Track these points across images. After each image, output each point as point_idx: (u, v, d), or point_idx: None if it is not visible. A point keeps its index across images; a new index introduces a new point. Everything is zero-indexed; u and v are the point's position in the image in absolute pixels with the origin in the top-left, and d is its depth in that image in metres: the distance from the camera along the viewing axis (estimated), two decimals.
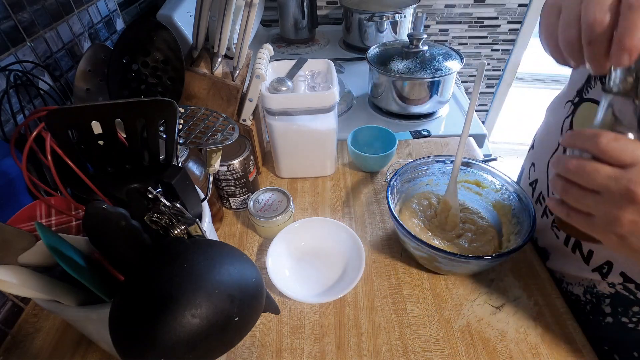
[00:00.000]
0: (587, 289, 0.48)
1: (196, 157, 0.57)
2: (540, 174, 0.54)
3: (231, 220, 0.66)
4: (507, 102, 1.83)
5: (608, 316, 0.46)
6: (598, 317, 0.47)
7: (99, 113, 0.33)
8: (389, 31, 1.20)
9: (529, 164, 0.58)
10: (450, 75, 0.85)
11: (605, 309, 0.46)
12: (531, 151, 0.59)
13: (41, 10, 0.58)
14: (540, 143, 0.56)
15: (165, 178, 0.36)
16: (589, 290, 0.48)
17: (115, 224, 0.30)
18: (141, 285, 0.29)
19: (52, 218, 0.39)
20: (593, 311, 0.48)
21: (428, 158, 0.60)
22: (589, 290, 0.48)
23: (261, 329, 0.50)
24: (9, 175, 0.45)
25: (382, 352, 0.47)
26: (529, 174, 0.57)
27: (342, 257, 0.57)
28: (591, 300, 0.48)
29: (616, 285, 0.44)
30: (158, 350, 0.26)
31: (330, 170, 0.73)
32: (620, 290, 0.44)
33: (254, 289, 0.32)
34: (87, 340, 0.49)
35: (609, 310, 0.46)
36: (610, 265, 0.44)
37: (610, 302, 0.45)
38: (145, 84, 0.52)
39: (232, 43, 0.63)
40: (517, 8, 1.52)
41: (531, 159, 0.58)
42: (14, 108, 0.51)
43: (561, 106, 0.49)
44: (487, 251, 0.53)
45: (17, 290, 0.29)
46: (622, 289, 0.43)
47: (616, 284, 0.44)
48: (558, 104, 0.51)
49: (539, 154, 0.55)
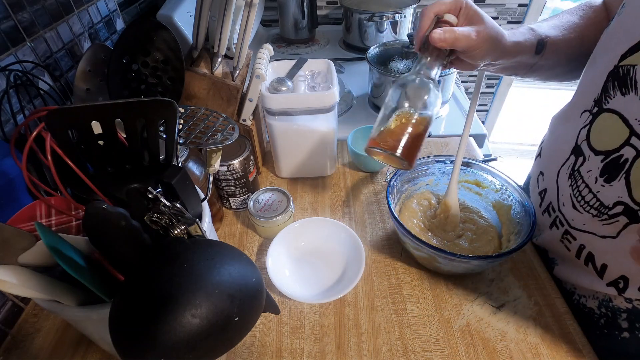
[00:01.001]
0: (602, 302, 0.47)
1: (196, 157, 0.57)
2: (549, 184, 0.52)
3: (231, 220, 0.66)
4: (507, 102, 1.83)
5: (625, 331, 0.45)
6: (613, 332, 0.46)
7: (99, 113, 0.33)
8: (389, 31, 1.19)
9: (537, 172, 0.57)
10: (450, 75, 0.85)
11: (622, 324, 0.45)
12: (538, 160, 0.57)
13: (41, 10, 0.58)
14: (549, 152, 0.54)
15: (165, 178, 0.36)
16: (604, 304, 0.47)
17: (115, 224, 0.30)
18: (141, 285, 0.29)
19: (52, 218, 0.39)
20: (608, 325, 0.47)
21: (428, 158, 0.60)
22: (604, 304, 0.47)
23: (261, 329, 0.50)
24: (9, 175, 0.45)
25: (382, 352, 0.47)
26: (537, 182, 0.56)
27: (342, 257, 0.57)
28: (606, 314, 0.47)
29: (634, 300, 0.43)
30: (158, 350, 0.26)
31: (330, 170, 0.73)
32: (637, 306, 0.43)
33: (254, 289, 0.32)
34: (87, 340, 0.49)
35: (626, 325, 0.45)
36: (626, 280, 0.42)
37: (627, 317, 0.44)
38: (145, 84, 0.52)
39: (232, 43, 0.63)
40: (517, 8, 1.52)
41: (539, 167, 0.56)
42: (14, 108, 0.51)
43: (576, 116, 0.48)
44: (487, 251, 0.53)
45: (17, 290, 0.29)
46: None
47: (634, 300, 0.43)
48: (570, 113, 0.50)
49: (547, 163, 0.54)
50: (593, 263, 0.46)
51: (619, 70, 0.40)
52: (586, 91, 0.46)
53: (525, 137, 2.30)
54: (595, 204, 0.43)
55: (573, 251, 0.48)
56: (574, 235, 0.48)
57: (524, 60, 0.48)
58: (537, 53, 0.48)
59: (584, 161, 0.45)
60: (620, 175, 0.40)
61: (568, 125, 0.49)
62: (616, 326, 0.46)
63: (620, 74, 0.40)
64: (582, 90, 0.48)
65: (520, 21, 1.55)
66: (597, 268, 0.45)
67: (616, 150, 0.40)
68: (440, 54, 0.44)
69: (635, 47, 0.38)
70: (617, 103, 0.40)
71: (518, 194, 0.54)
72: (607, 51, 0.43)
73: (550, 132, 0.56)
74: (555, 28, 0.50)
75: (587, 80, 0.47)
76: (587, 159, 0.44)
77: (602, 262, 0.44)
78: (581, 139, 0.46)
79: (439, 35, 0.42)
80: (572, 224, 0.48)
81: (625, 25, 0.41)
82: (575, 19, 0.52)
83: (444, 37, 0.42)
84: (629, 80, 0.38)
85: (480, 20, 0.43)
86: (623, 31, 0.41)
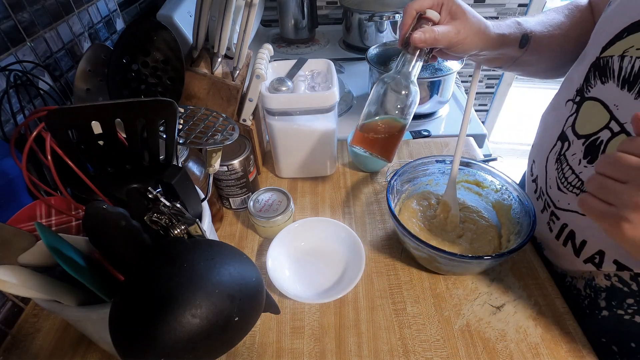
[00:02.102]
0: (587, 282, 0.48)
1: (196, 157, 0.57)
2: (539, 170, 0.54)
3: (231, 220, 0.66)
4: (507, 102, 1.83)
5: (604, 310, 0.47)
6: (594, 312, 0.48)
7: (99, 113, 0.33)
8: (389, 31, 1.20)
9: (531, 161, 0.59)
10: (450, 75, 0.85)
11: (600, 303, 0.47)
12: (532, 149, 0.60)
13: (41, 10, 0.58)
14: (539, 141, 0.57)
15: (165, 178, 0.36)
16: (589, 284, 0.48)
17: (115, 224, 0.30)
18: (141, 285, 0.29)
19: (52, 218, 0.39)
20: (590, 305, 0.49)
21: (428, 158, 0.60)
22: (588, 283, 0.48)
23: (261, 329, 0.50)
24: (9, 175, 0.45)
25: (382, 352, 0.47)
26: (531, 171, 0.58)
27: (342, 257, 0.57)
28: (590, 294, 0.48)
29: (612, 277, 0.44)
30: (158, 350, 0.26)
31: (330, 170, 0.73)
32: (615, 283, 0.44)
33: (254, 289, 0.32)
34: (87, 340, 0.49)
35: (604, 304, 0.46)
36: (602, 255, 0.44)
37: (606, 296, 0.46)
38: (145, 84, 0.52)
39: (232, 43, 0.63)
40: (517, 8, 1.52)
41: (531, 156, 0.59)
42: (14, 108, 0.51)
43: (561, 105, 0.50)
44: (487, 251, 0.53)
45: (17, 290, 0.29)
46: (617, 281, 0.44)
47: (612, 276, 0.44)
48: (556, 103, 0.53)
49: (538, 151, 0.56)
50: (573, 241, 0.48)
51: (599, 62, 0.43)
52: (571, 82, 0.49)
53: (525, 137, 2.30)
54: (577, 183, 0.46)
55: (555, 232, 0.51)
56: (557, 216, 0.50)
57: (508, 53, 0.50)
58: (521, 47, 0.50)
59: (569, 146, 0.47)
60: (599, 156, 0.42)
61: (554, 114, 0.52)
62: (597, 306, 0.47)
63: (600, 65, 0.42)
64: (567, 81, 0.51)
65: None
66: (576, 245, 0.48)
67: (595, 134, 0.43)
68: (421, 51, 0.47)
69: (614, 39, 0.41)
70: (598, 91, 0.43)
71: (518, 194, 0.54)
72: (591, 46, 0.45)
73: (540, 122, 0.58)
74: (540, 24, 0.52)
75: (572, 73, 0.50)
76: (572, 144, 0.47)
77: (582, 239, 0.47)
78: (567, 126, 0.48)
79: (419, 36, 0.44)
80: (557, 205, 0.50)
81: (609, 19, 0.43)
82: (561, 18, 0.53)
83: (424, 37, 0.44)
84: (608, 69, 0.41)
85: (463, 14, 0.45)
86: (607, 25, 0.43)
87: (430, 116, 0.93)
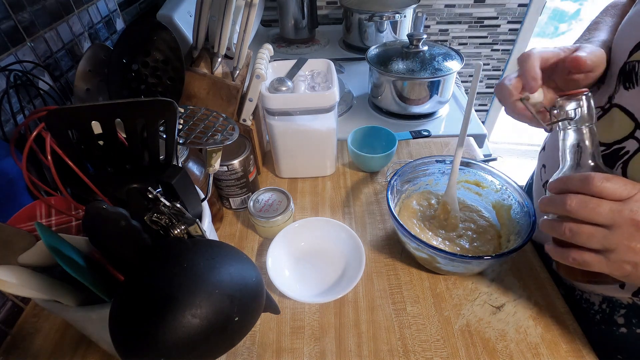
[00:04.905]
0: (605, 297, 0.47)
1: (196, 157, 0.57)
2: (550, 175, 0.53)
3: (231, 220, 0.66)
4: None
5: (622, 327, 0.46)
6: (611, 328, 0.47)
7: (99, 113, 0.33)
8: (389, 31, 1.19)
9: (540, 165, 0.57)
10: (450, 75, 0.85)
11: (618, 320, 0.46)
12: (542, 153, 0.58)
13: (41, 10, 0.58)
14: (553, 144, 0.54)
15: (165, 178, 0.36)
16: (607, 299, 0.47)
17: (115, 224, 0.30)
18: (141, 285, 0.29)
19: (52, 218, 0.39)
20: (604, 321, 0.47)
21: (428, 158, 0.60)
22: (607, 298, 0.47)
23: (261, 329, 0.50)
24: (9, 175, 0.45)
25: (382, 352, 0.47)
26: (540, 175, 0.56)
27: (342, 257, 0.57)
28: (605, 310, 0.47)
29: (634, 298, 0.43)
30: (158, 350, 0.26)
31: (330, 170, 0.73)
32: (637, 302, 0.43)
33: (254, 289, 0.32)
34: (87, 340, 0.49)
35: (622, 321, 0.45)
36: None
37: (625, 313, 0.45)
38: (145, 84, 0.52)
39: (232, 43, 0.63)
40: (517, 8, 1.52)
41: (542, 160, 0.57)
42: (14, 108, 0.51)
43: None
44: (487, 251, 0.53)
45: (17, 290, 0.29)
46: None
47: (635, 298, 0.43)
48: None
49: (549, 155, 0.54)
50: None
51: (626, 67, 0.41)
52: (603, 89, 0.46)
53: (525, 137, 2.30)
54: None
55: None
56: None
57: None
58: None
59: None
60: (617, 166, 0.41)
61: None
62: (613, 322, 0.46)
63: (626, 70, 0.40)
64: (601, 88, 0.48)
65: (520, 21, 1.55)
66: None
67: (618, 142, 0.41)
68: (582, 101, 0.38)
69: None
70: (622, 98, 0.41)
71: (518, 194, 0.54)
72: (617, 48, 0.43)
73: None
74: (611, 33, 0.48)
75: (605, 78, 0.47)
76: None
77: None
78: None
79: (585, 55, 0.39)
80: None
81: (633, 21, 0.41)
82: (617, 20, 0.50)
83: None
84: (634, 75, 0.39)
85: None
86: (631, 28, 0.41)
87: (430, 116, 0.93)
